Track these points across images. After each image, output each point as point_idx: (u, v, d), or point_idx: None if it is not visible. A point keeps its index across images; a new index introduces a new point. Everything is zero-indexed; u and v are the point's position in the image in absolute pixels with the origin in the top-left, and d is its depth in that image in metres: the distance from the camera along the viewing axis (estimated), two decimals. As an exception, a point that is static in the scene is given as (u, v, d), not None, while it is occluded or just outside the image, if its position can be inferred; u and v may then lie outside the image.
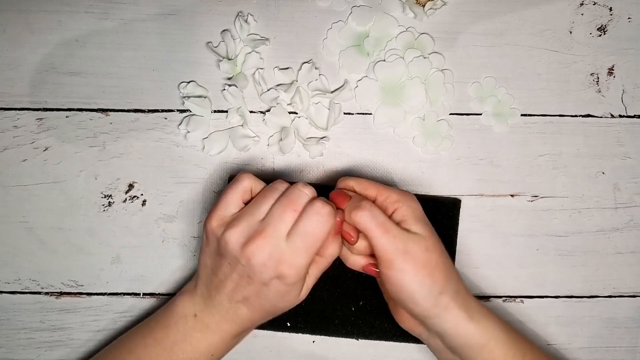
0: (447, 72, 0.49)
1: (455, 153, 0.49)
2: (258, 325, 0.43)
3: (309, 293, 0.47)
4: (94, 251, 0.49)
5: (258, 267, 0.38)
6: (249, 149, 0.49)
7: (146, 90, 0.49)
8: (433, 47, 0.49)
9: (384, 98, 0.49)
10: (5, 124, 0.49)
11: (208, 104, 0.48)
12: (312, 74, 0.49)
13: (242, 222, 0.39)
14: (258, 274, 0.38)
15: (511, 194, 0.49)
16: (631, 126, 0.50)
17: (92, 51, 0.49)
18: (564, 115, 0.49)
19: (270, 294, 0.39)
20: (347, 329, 0.47)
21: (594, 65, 0.50)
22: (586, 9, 0.50)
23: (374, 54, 0.49)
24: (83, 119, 0.49)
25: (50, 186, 0.49)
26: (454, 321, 0.40)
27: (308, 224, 0.38)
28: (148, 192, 0.49)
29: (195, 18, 0.49)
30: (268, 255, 0.38)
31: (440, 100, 0.49)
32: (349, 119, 0.49)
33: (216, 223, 0.40)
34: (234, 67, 0.48)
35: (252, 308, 0.40)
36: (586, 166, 0.49)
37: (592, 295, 0.49)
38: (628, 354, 0.49)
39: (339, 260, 0.47)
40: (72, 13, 0.49)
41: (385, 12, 0.49)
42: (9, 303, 0.49)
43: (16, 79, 0.49)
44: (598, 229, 0.49)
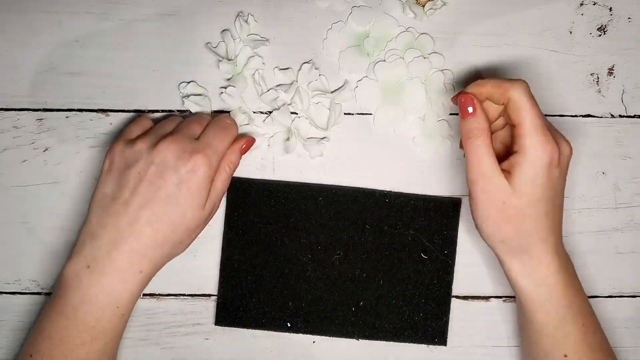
0: (447, 72, 0.49)
1: (455, 153, 0.49)
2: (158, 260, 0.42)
3: (311, 294, 0.47)
4: (94, 251, 0.49)
5: (169, 162, 0.41)
6: (258, 146, 0.48)
7: (146, 90, 0.49)
8: (433, 47, 0.49)
9: (384, 98, 0.49)
10: (5, 124, 0.49)
11: (208, 104, 0.48)
12: (312, 74, 0.49)
13: (151, 132, 0.43)
14: (168, 171, 0.41)
15: (511, 194, 0.49)
16: (631, 126, 0.50)
17: (92, 51, 0.49)
18: (564, 115, 0.49)
19: (179, 197, 0.41)
20: (347, 329, 0.47)
21: (594, 65, 0.50)
22: (586, 9, 0.50)
23: (374, 54, 0.49)
24: (83, 119, 0.49)
25: (50, 187, 0.49)
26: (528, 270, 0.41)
27: (215, 127, 0.44)
28: (148, 192, 0.49)
29: (195, 18, 0.49)
30: (178, 150, 0.41)
31: (440, 100, 0.49)
32: (349, 119, 0.49)
33: (123, 143, 0.43)
34: (234, 68, 0.48)
35: (157, 223, 0.40)
36: (586, 166, 0.49)
37: (592, 295, 0.49)
38: (628, 354, 0.49)
39: (339, 261, 0.47)
40: (72, 13, 0.49)
41: (385, 13, 0.49)
42: (9, 304, 0.48)
43: (16, 79, 0.49)
44: (598, 229, 0.49)
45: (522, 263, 0.41)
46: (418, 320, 0.47)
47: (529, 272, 0.41)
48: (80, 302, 0.40)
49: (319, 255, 0.47)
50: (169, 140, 0.42)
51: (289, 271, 0.47)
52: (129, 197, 0.41)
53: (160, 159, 0.41)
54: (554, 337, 0.41)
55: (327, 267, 0.47)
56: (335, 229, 0.47)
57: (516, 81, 0.40)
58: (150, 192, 0.41)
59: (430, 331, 0.47)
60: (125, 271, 0.41)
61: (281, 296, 0.47)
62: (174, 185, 0.41)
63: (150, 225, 0.41)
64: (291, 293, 0.47)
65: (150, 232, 0.41)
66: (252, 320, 0.47)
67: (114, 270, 0.40)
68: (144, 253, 0.41)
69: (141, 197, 0.41)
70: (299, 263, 0.47)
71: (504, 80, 0.41)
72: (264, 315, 0.47)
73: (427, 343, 0.48)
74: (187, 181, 0.41)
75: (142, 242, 0.41)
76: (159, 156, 0.41)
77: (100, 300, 0.40)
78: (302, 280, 0.47)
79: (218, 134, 0.43)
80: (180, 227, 0.42)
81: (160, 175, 0.41)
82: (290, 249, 0.48)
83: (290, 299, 0.47)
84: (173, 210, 0.41)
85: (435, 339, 0.47)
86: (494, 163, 0.40)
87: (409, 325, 0.47)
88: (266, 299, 0.47)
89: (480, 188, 0.40)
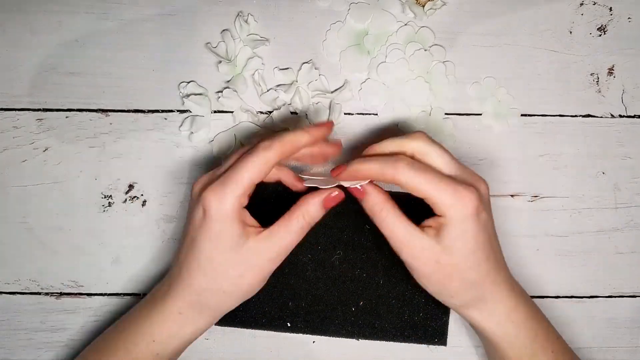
0: (448, 64, 0.49)
1: (456, 153, 0.49)
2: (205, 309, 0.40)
3: (311, 294, 0.47)
4: (94, 251, 0.49)
5: (194, 197, 0.39)
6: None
7: (146, 90, 0.49)
8: (434, 40, 0.49)
9: (389, 98, 0.49)
10: (5, 124, 0.49)
11: (208, 104, 0.48)
12: (312, 74, 0.49)
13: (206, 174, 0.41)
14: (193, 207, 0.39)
15: (511, 194, 0.49)
16: (631, 126, 0.50)
17: (92, 51, 0.49)
18: (564, 115, 0.49)
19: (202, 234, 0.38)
20: (347, 329, 0.47)
21: (594, 65, 0.50)
22: (586, 9, 0.50)
23: (374, 51, 0.49)
24: (83, 120, 0.49)
25: (50, 187, 0.49)
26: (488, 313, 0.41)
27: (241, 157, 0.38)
28: (148, 192, 0.49)
29: (195, 18, 0.49)
30: (201, 184, 0.39)
31: (443, 93, 0.49)
32: (349, 119, 0.49)
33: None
34: (234, 69, 0.48)
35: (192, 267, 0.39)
36: (586, 166, 0.49)
37: (592, 295, 0.49)
38: (628, 354, 0.49)
39: (339, 261, 0.47)
40: (72, 13, 0.49)
41: (384, 9, 0.49)
42: (9, 303, 0.48)
43: (16, 80, 0.49)
44: (598, 229, 0.49)
45: (479, 310, 0.40)
46: (418, 320, 0.47)
47: (489, 315, 0.40)
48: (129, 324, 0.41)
49: (319, 255, 0.47)
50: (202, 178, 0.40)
51: (289, 271, 0.47)
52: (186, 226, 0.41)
53: (191, 195, 0.40)
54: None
55: (327, 267, 0.47)
56: (335, 229, 0.47)
57: (398, 161, 0.38)
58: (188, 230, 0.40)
59: (430, 331, 0.47)
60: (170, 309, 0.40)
61: (281, 296, 0.47)
62: (195, 229, 0.39)
63: (184, 269, 0.39)
64: (291, 293, 0.47)
65: (185, 275, 0.39)
66: (252, 320, 0.47)
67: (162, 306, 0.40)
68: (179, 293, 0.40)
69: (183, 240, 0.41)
70: (299, 263, 0.47)
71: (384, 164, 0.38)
72: (264, 315, 0.47)
73: (427, 343, 0.48)
74: (202, 223, 0.38)
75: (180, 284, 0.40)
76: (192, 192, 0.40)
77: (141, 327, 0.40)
78: (302, 280, 0.47)
79: (239, 164, 0.38)
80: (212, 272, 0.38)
81: (190, 213, 0.40)
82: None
83: (290, 299, 0.47)
84: (200, 255, 0.38)
85: (435, 339, 0.47)
86: (409, 228, 0.38)
87: (409, 325, 0.47)
88: (266, 299, 0.47)
89: (407, 255, 0.39)
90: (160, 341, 0.40)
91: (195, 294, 0.39)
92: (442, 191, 0.37)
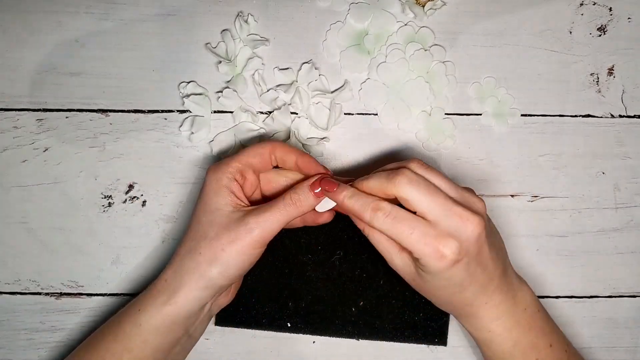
0: (448, 64, 0.49)
1: (455, 153, 0.49)
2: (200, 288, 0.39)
3: (311, 294, 0.47)
4: (94, 252, 0.49)
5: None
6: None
7: (146, 90, 0.49)
8: (434, 40, 0.49)
9: (388, 98, 0.49)
10: (5, 124, 0.49)
11: (208, 104, 0.48)
12: (312, 74, 0.49)
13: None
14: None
15: (511, 194, 0.49)
16: (631, 126, 0.50)
17: (92, 51, 0.49)
18: (564, 115, 0.49)
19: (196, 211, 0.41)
20: (347, 329, 0.47)
21: (594, 65, 0.50)
22: (586, 9, 0.50)
23: (375, 51, 0.49)
24: (83, 120, 0.49)
25: (50, 187, 0.49)
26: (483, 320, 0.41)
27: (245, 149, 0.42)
28: (148, 192, 0.49)
29: (195, 18, 0.49)
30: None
31: (443, 93, 0.49)
32: (350, 119, 0.49)
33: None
34: (234, 69, 0.48)
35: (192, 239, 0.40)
36: (586, 166, 0.49)
37: (592, 295, 0.49)
38: (628, 354, 0.49)
39: (339, 261, 0.47)
40: (72, 13, 0.49)
41: (384, 9, 0.49)
42: (9, 304, 0.48)
43: (16, 80, 0.49)
44: (598, 229, 0.49)
45: (457, 316, 0.42)
46: (418, 320, 0.47)
47: (466, 322, 0.41)
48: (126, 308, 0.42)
49: (319, 255, 0.47)
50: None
51: (289, 271, 0.47)
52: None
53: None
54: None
55: (327, 267, 0.47)
56: (335, 229, 0.47)
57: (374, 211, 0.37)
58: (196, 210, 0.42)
59: (430, 331, 0.47)
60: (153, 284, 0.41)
61: (281, 296, 0.47)
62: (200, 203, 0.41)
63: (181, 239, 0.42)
64: (291, 293, 0.47)
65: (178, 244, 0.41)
66: (252, 320, 0.47)
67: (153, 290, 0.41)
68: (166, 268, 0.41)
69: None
70: (299, 263, 0.47)
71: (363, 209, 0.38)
72: (264, 315, 0.47)
73: (427, 343, 0.48)
74: (200, 192, 0.41)
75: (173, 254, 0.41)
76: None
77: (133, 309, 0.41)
78: (302, 280, 0.47)
79: (244, 150, 0.42)
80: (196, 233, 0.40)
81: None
82: (290, 249, 0.47)
83: (290, 299, 0.47)
84: (192, 220, 0.41)
85: (435, 339, 0.47)
86: (390, 245, 0.39)
87: (409, 325, 0.47)
88: (266, 299, 0.47)
89: (390, 264, 0.40)
90: (145, 311, 0.40)
91: (179, 257, 0.40)
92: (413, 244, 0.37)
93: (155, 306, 0.40)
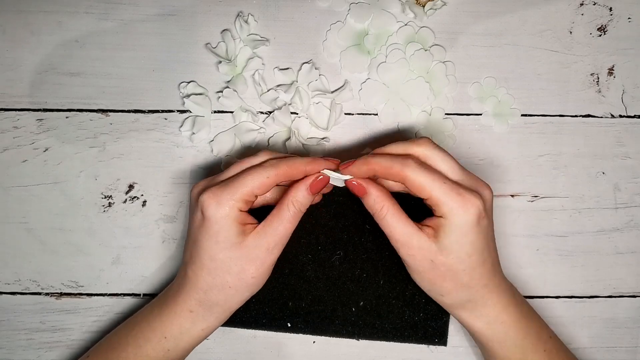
0: (448, 64, 0.49)
1: (456, 153, 0.49)
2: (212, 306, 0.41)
3: (311, 294, 0.47)
4: (94, 252, 0.49)
5: (192, 200, 0.41)
6: (256, 142, 0.49)
7: (146, 90, 0.49)
8: (434, 40, 0.49)
9: (388, 98, 0.49)
10: (5, 124, 0.49)
11: (208, 104, 0.48)
12: (312, 74, 0.49)
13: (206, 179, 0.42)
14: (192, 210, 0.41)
15: (511, 194, 0.49)
16: (631, 126, 0.50)
17: (92, 51, 0.49)
18: (564, 115, 0.49)
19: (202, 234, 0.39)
20: (347, 329, 0.47)
21: (594, 65, 0.50)
22: (586, 9, 0.50)
23: (375, 51, 0.49)
24: (83, 120, 0.49)
25: (50, 187, 0.49)
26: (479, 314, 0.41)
27: (244, 170, 0.40)
28: (148, 192, 0.49)
29: (195, 18, 0.49)
30: (201, 186, 0.41)
31: (443, 93, 0.49)
32: (350, 119, 0.49)
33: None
34: (234, 69, 0.48)
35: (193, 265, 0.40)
36: (586, 166, 0.49)
37: (592, 295, 0.49)
38: (628, 354, 0.49)
39: (339, 261, 0.47)
40: (72, 13, 0.49)
41: (384, 10, 0.49)
42: (9, 304, 0.48)
43: (16, 80, 0.49)
44: (598, 229, 0.49)
45: (468, 310, 0.41)
46: (418, 320, 0.47)
47: (479, 317, 0.41)
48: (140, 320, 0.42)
49: (319, 255, 0.47)
50: (201, 182, 0.42)
51: (289, 271, 0.47)
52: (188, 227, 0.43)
53: (190, 198, 0.42)
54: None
55: (327, 267, 0.47)
56: (335, 229, 0.47)
57: (407, 159, 0.38)
58: (190, 233, 0.41)
59: (430, 331, 0.47)
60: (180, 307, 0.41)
61: (281, 296, 0.47)
62: (196, 231, 0.40)
63: (190, 269, 0.41)
64: (291, 293, 0.47)
65: (190, 275, 0.41)
66: (252, 320, 0.47)
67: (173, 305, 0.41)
68: (188, 292, 0.41)
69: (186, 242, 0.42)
70: (299, 263, 0.47)
71: (393, 160, 0.39)
72: (264, 315, 0.47)
73: (427, 343, 0.48)
74: (201, 224, 0.39)
75: (188, 283, 0.41)
76: (191, 195, 0.41)
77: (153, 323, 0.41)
78: (302, 280, 0.47)
79: (241, 176, 0.39)
80: (215, 269, 0.40)
81: (191, 215, 0.41)
82: (290, 249, 0.47)
83: (290, 299, 0.47)
84: (202, 254, 0.40)
85: (435, 339, 0.47)
86: (408, 227, 0.39)
87: (409, 325, 0.47)
88: (266, 299, 0.47)
89: (404, 253, 0.40)
90: (172, 337, 0.41)
91: (202, 291, 0.40)
92: (446, 194, 0.38)
93: (183, 332, 0.41)
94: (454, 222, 0.38)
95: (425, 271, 0.40)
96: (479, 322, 0.41)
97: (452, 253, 0.38)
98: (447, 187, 0.38)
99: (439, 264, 0.39)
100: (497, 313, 0.41)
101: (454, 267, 0.39)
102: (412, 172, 0.38)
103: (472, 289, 0.40)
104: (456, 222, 0.38)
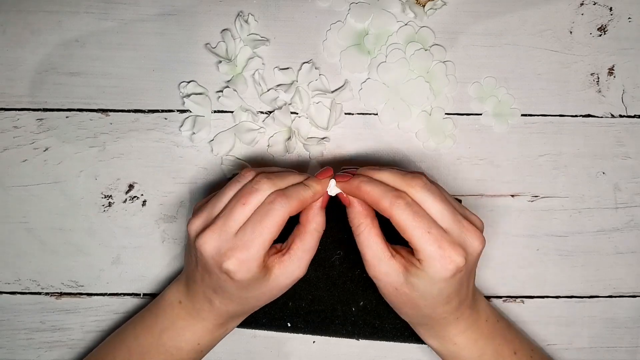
0: (449, 64, 0.49)
1: (456, 153, 0.49)
2: (242, 316, 0.44)
3: (311, 294, 0.47)
4: (94, 251, 0.49)
5: (208, 259, 0.38)
6: (256, 142, 0.49)
7: (146, 90, 0.49)
8: (434, 40, 0.49)
9: (388, 98, 0.49)
10: (5, 124, 0.49)
11: (208, 104, 0.48)
12: (312, 74, 0.49)
13: (202, 214, 0.39)
14: (210, 267, 0.38)
15: (511, 194, 0.49)
16: (631, 126, 0.50)
17: (92, 51, 0.49)
18: (564, 115, 0.49)
19: (229, 287, 0.39)
20: (347, 329, 0.47)
21: (594, 65, 0.50)
22: (586, 9, 0.50)
23: (375, 51, 0.49)
24: (83, 119, 0.49)
25: (50, 186, 0.49)
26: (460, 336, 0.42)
27: (257, 217, 0.38)
28: (148, 192, 0.49)
29: (195, 18, 0.49)
30: (214, 248, 0.38)
31: (443, 92, 0.49)
32: (350, 119, 0.49)
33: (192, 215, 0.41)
34: (234, 69, 0.48)
35: (223, 300, 0.40)
36: (586, 166, 0.49)
37: (592, 295, 0.49)
38: (628, 354, 0.49)
39: (339, 261, 0.47)
40: (72, 13, 0.49)
41: (384, 9, 0.49)
42: (9, 303, 0.48)
43: (16, 79, 0.49)
44: (598, 229, 0.49)
45: (424, 329, 0.43)
46: (418, 320, 0.47)
47: (433, 335, 0.42)
48: (168, 327, 0.42)
49: (319, 255, 0.47)
50: (207, 234, 0.38)
51: (289, 271, 0.47)
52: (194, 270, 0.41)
53: (200, 254, 0.38)
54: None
55: (327, 267, 0.47)
56: (335, 229, 0.47)
57: (396, 198, 0.37)
58: (204, 276, 0.40)
59: (431, 331, 0.47)
60: (211, 323, 0.42)
61: (281, 296, 0.47)
62: (222, 281, 0.39)
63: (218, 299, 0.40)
64: (291, 293, 0.47)
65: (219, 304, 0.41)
66: (252, 320, 0.47)
67: (203, 320, 0.42)
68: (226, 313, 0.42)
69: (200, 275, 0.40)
70: (299, 263, 0.47)
71: (385, 193, 0.37)
72: (264, 315, 0.47)
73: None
74: (229, 285, 0.39)
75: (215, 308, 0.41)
76: (200, 250, 0.38)
77: (185, 334, 0.42)
78: (302, 280, 0.47)
79: (258, 227, 0.37)
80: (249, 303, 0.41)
81: (206, 269, 0.39)
82: (291, 249, 0.47)
83: (290, 299, 0.47)
84: (232, 295, 0.40)
85: (435, 339, 0.47)
86: (380, 251, 0.38)
87: (409, 325, 0.47)
88: (266, 299, 0.47)
89: (371, 273, 0.39)
90: (206, 344, 0.43)
91: (233, 314, 0.42)
92: (428, 243, 0.36)
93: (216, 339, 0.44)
94: (428, 272, 0.37)
95: (388, 294, 0.40)
96: (433, 340, 0.43)
97: (417, 291, 0.38)
98: (429, 237, 0.36)
99: (402, 294, 0.39)
100: (452, 336, 0.41)
101: (416, 301, 0.39)
102: (399, 213, 0.37)
103: (432, 319, 0.41)
104: (430, 272, 0.37)
